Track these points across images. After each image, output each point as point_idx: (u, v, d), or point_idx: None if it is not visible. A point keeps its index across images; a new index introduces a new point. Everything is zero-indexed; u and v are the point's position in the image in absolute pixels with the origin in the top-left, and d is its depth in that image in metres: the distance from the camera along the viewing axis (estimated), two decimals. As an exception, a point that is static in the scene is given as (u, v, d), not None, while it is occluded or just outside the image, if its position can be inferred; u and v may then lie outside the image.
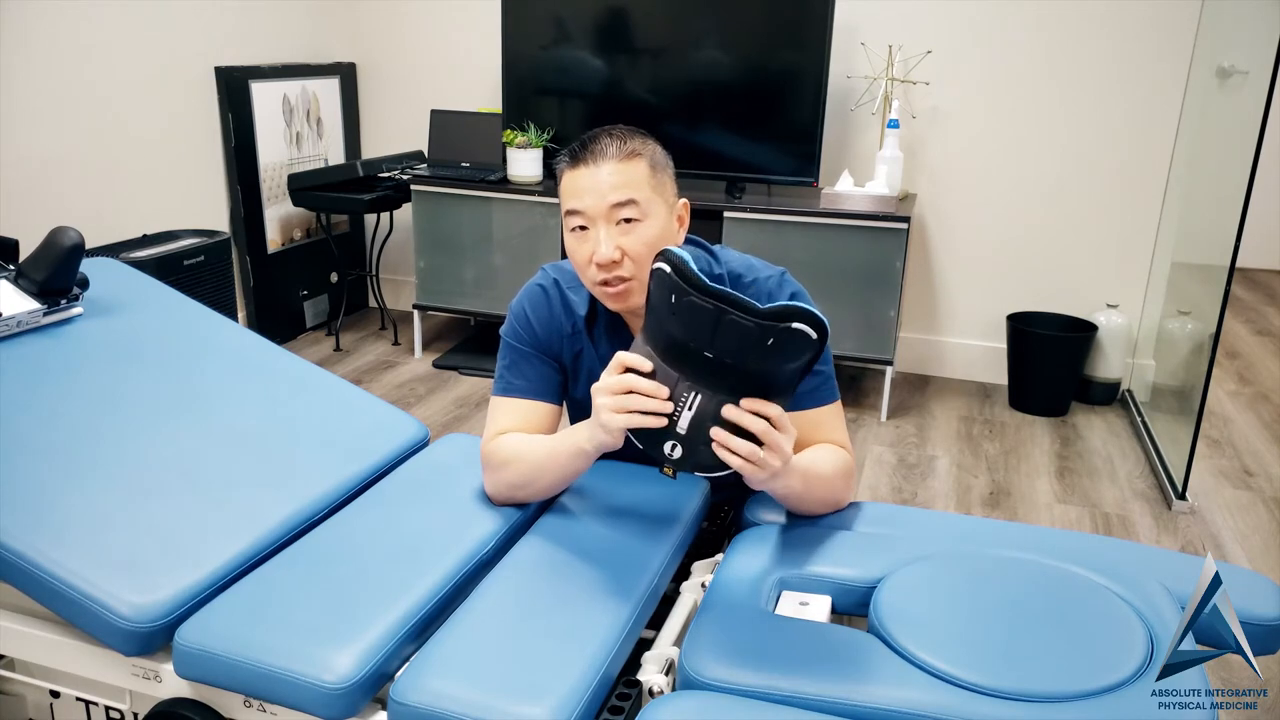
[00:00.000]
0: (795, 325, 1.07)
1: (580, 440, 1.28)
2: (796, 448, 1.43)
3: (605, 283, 1.35)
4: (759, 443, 1.13)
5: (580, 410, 1.53)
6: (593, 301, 1.46)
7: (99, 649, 1.25)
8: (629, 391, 1.15)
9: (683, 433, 1.14)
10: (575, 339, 1.48)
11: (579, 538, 1.37)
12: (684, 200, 1.42)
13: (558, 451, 1.34)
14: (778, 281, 1.45)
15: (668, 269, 1.12)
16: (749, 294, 1.44)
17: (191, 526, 1.34)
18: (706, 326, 1.09)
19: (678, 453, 1.15)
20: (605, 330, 1.48)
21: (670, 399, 1.13)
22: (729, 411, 1.12)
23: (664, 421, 1.14)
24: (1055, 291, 3.40)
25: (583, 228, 1.34)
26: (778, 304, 1.08)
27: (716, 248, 1.50)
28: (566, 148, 1.39)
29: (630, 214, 1.33)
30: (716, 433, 1.13)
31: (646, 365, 1.15)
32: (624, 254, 1.33)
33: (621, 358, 1.18)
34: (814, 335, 1.08)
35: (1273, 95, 2.33)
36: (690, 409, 1.13)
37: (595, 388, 1.19)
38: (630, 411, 1.15)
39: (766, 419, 1.13)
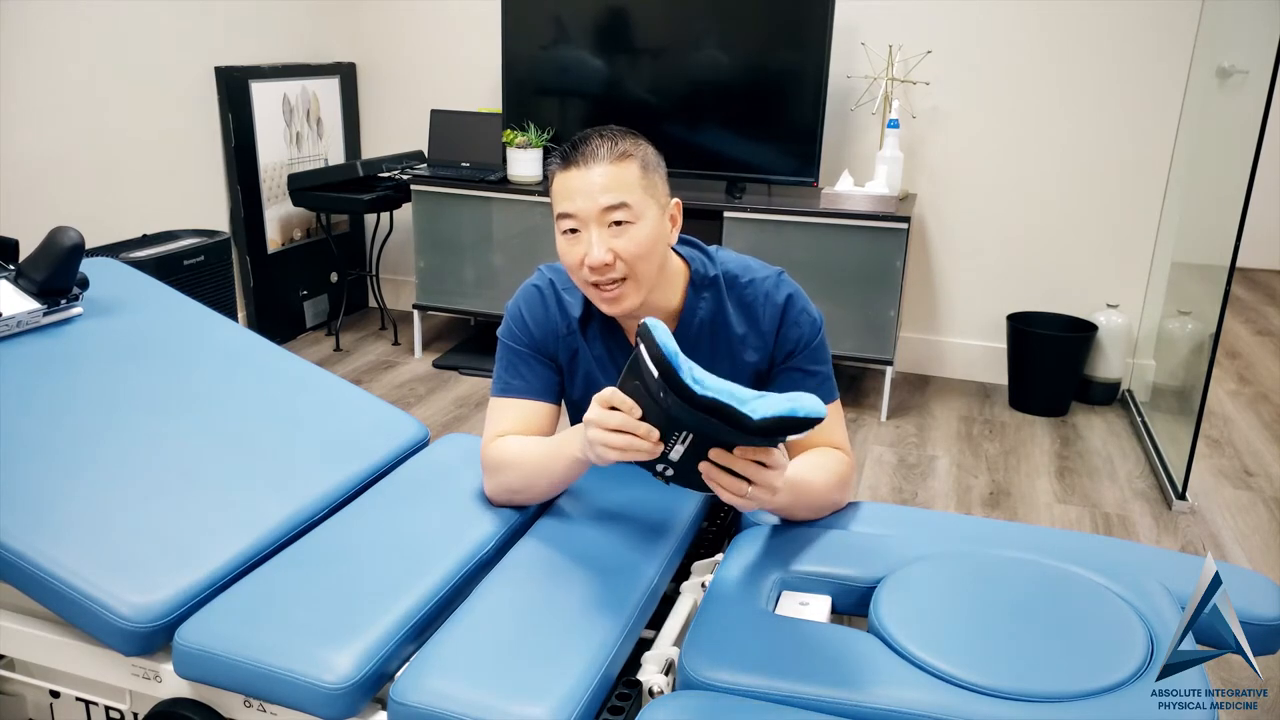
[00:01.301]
0: (790, 438, 1.06)
1: (574, 450, 1.28)
2: (793, 449, 1.43)
3: (597, 285, 1.34)
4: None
5: (578, 411, 1.52)
6: (587, 302, 1.46)
7: (99, 649, 1.25)
8: (620, 428, 1.13)
9: (674, 459, 1.13)
10: (570, 339, 1.48)
11: (579, 538, 1.37)
12: (676, 200, 1.41)
13: (554, 458, 1.34)
14: (774, 282, 1.44)
15: (652, 368, 1.05)
16: (746, 296, 1.43)
17: (191, 526, 1.34)
18: (695, 421, 1.07)
19: (670, 473, 1.15)
20: (600, 331, 1.47)
21: (661, 438, 1.11)
22: (719, 455, 1.10)
23: (656, 454, 1.13)
24: (1055, 291, 3.40)
25: (574, 230, 1.33)
26: (773, 415, 1.03)
27: (712, 248, 1.49)
28: (558, 149, 1.37)
29: (622, 216, 1.31)
30: (706, 469, 1.11)
31: (636, 410, 1.12)
32: (616, 256, 1.31)
33: (609, 397, 1.14)
34: (810, 429, 1.06)
35: (1273, 95, 2.33)
36: (682, 444, 1.11)
37: (587, 419, 1.17)
38: (621, 449, 1.13)
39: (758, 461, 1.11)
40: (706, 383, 1.05)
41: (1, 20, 2.63)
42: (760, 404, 1.05)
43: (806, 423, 1.04)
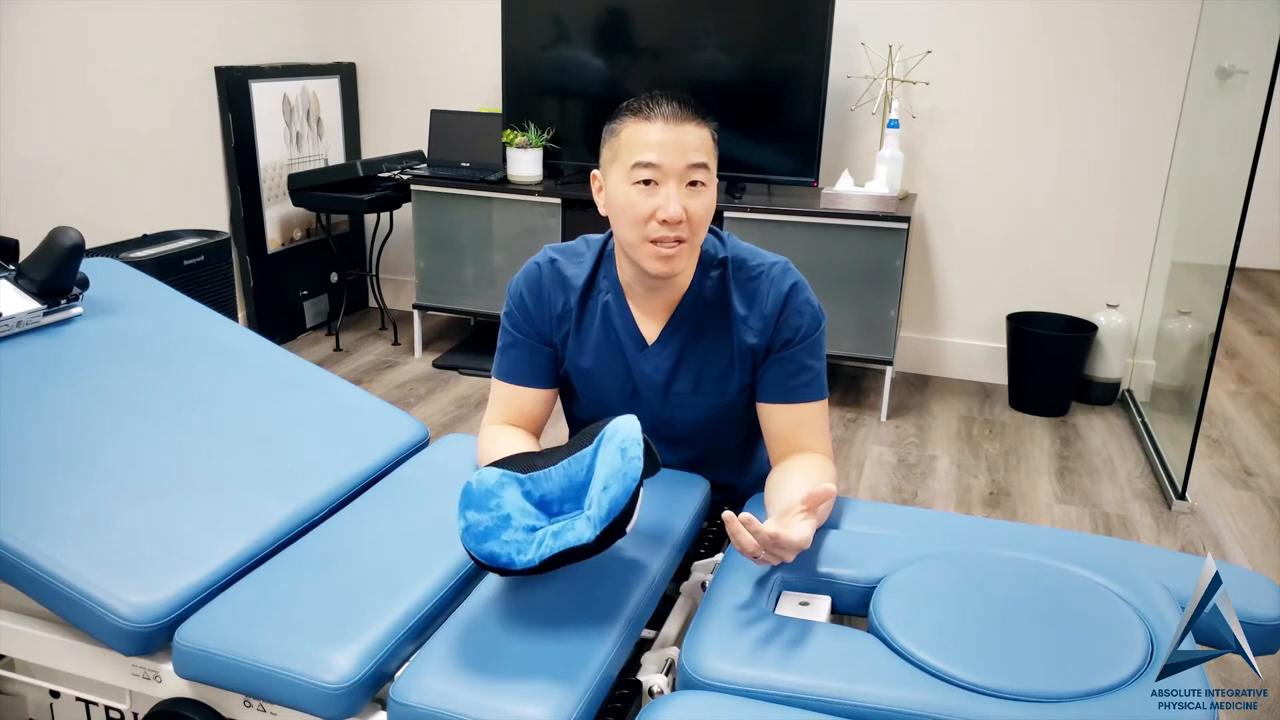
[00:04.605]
0: (628, 528, 1.14)
1: None
2: (777, 444, 1.45)
3: (659, 240, 1.35)
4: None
5: (588, 379, 1.53)
6: (594, 270, 1.49)
7: (99, 649, 1.25)
8: None
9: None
10: (565, 318, 1.50)
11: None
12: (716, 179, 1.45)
13: None
14: (781, 269, 1.47)
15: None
16: (751, 280, 1.46)
17: (191, 526, 1.34)
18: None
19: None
20: (601, 299, 1.49)
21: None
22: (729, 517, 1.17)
23: None
24: (1055, 291, 3.40)
25: (650, 181, 1.34)
26: (603, 526, 1.12)
27: (723, 233, 1.52)
28: (629, 101, 1.39)
29: (701, 177, 1.35)
30: (736, 539, 1.18)
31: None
32: (688, 215, 1.34)
33: None
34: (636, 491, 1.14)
35: (1273, 95, 2.33)
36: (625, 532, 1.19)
37: None
38: None
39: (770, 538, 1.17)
40: (539, 539, 1.15)
41: (1, 20, 2.63)
42: (584, 524, 1.14)
43: (630, 503, 1.13)
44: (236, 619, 1.19)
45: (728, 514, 1.17)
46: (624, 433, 1.17)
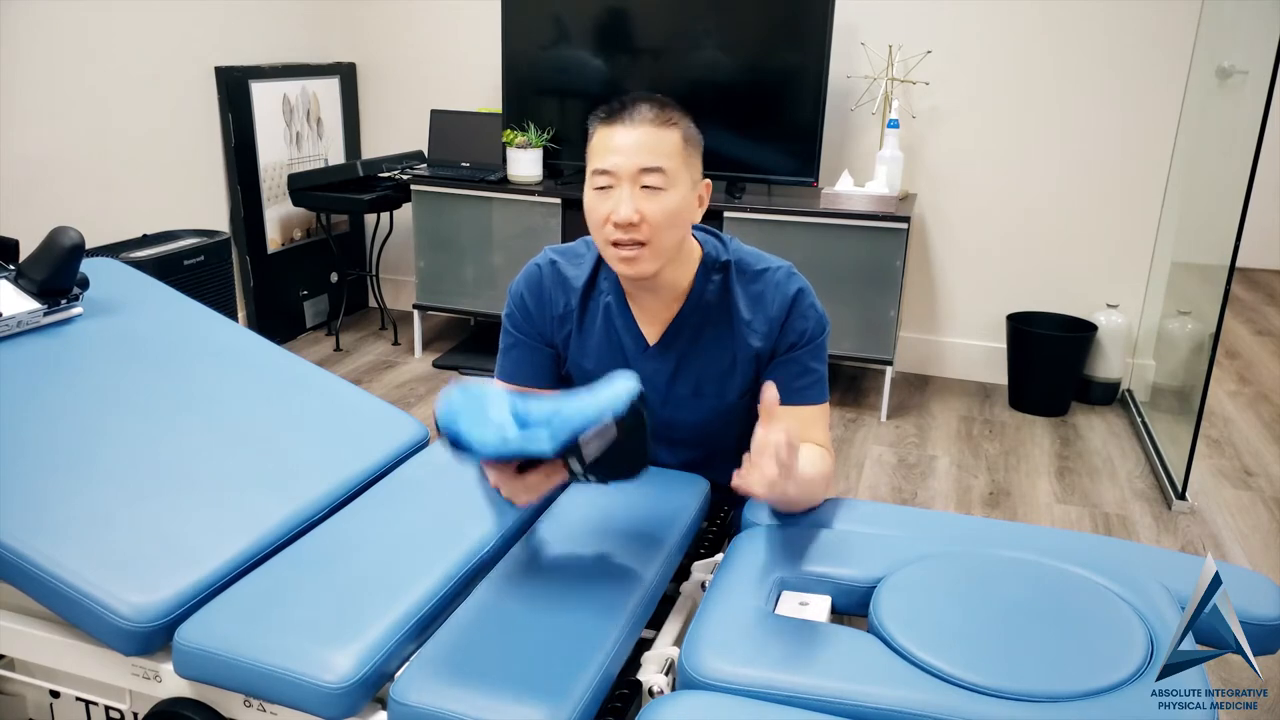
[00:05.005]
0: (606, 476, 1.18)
1: None
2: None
3: (617, 244, 1.35)
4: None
5: (589, 380, 1.52)
6: (594, 270, 1.49)
7: (99, 649, 1.25)
8: (500, 485, 1.26)
9: (581, 471, 1.20)
10: (568, 317, 1.50)
11: (579, 537, 1.38)
12: (707, 181, 1.44)
13: None
14: (786, 273, 1.47)
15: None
16: (756, 284, 1.46)
17: (191, 526, 1.34)
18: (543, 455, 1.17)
19: (593, 479, 1.22)
20: (602, 299, 1.49)
21: (564, 465, 1.21)
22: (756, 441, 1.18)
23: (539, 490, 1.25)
24: (1055, 291, 3.40)
25: (607, 186, 1.35)
26: (564, 441, 1.13)
27: (727, 237, 1.52)
28: (602, 105, 1.40)
29: (655, 181, 1.34)
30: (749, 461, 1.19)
31: (506, 471, 1.24)
32: (642, 219, 1.34)
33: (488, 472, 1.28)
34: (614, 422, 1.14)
35: (1273, 95, 2.33)
36: (584, 460, 1.18)
37: (493, 481, 1.28)
38: (514, 495, 1.26)
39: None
40: (503, 435, 1.16)
41: (1, 20, 2.63)
42: (546, 433, 1.15)
43: (600, 433, 1.14)
44: (236, 619, 1.19)
45: (736, 479, 1.18)
46: (620, 380, 1.17)
